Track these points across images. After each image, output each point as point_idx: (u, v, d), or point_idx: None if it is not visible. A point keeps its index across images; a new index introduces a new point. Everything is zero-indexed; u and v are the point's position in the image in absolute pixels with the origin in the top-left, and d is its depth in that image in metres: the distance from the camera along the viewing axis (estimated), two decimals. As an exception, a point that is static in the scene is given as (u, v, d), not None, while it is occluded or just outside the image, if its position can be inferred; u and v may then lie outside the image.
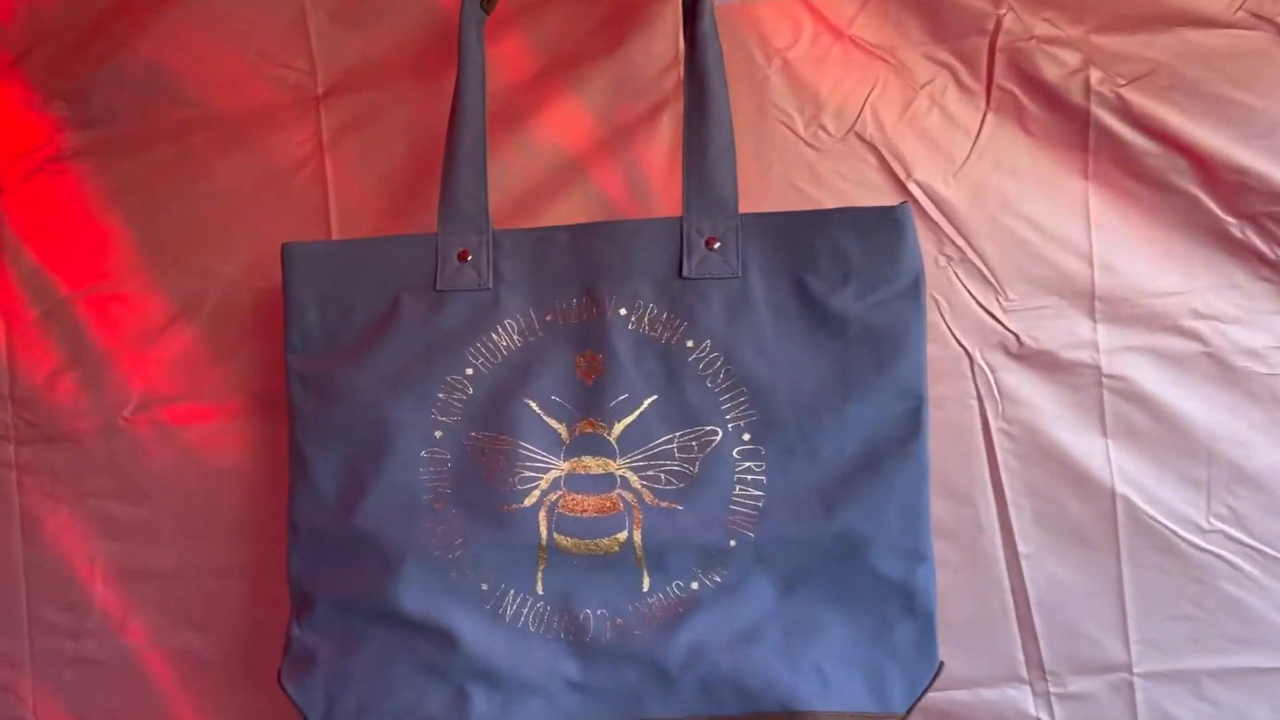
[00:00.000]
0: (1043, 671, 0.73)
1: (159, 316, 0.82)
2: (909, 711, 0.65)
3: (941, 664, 0.66)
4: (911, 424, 0.66)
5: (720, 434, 0.66)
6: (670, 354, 0.67)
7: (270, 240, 0.74)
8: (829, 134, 0.77)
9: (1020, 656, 0.74)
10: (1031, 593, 0.73)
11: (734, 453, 0.66)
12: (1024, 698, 0.73)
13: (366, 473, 0.68)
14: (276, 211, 0.81)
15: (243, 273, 0.81)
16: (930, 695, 0.68)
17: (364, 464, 0.68)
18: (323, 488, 0.69)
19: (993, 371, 0.75)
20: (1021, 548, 0.74)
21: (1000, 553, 0.74)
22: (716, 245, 0.68)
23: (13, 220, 0.84)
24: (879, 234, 0.66)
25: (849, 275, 0.66)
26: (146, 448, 0.81)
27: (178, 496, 0.81)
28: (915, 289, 0.67)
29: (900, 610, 0.65)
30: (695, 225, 0.68)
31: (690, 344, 0.67)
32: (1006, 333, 0.75)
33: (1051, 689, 0.73)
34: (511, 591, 0.67)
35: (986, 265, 0.75)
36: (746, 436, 0.67)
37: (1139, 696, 0.73)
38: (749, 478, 0.66)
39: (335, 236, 0.80)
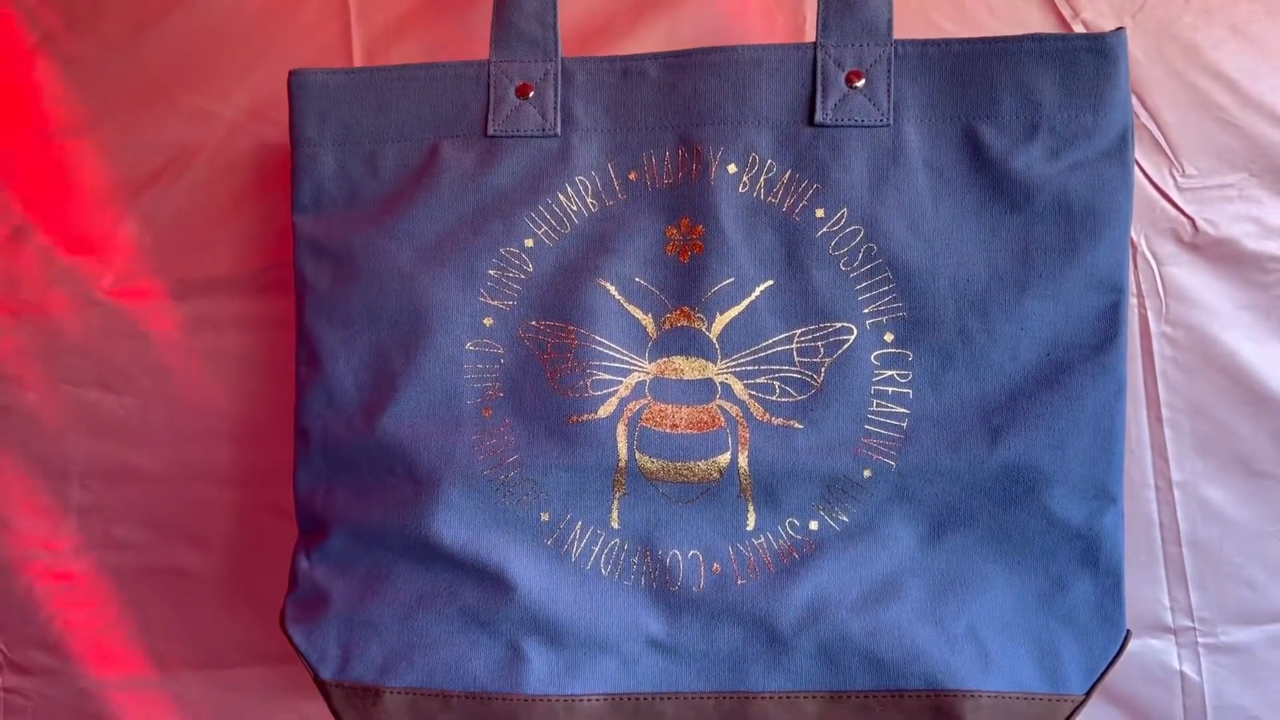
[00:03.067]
0: (1191, 619, 0.63)
1: (141, 168, 0.67)
2: (1089, 694, 0.51)
3: (1129, 633, 0.52)
4: (1108, 326, 0.51)
5: (855, 333, 0.51)
6: (793, 226, 0.51)
7: (277, 75, 0.60)
8: (976, -45, 0.61)
9: (1165, 601, 0.63)
10: (1183, 527, 0.63)
11: (872, 358, 0.51)
12: (1167, 649, 0.63)
13: (396, 368, 0.53)
14: (285, 38, 0.66)
15: (242, 115, 0.66)
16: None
17: (393, 357, 0.53)
18: (340, 386, 0.54)
19: (1159, 263, 0.62)
20: (1175, 474, 0.63)
21: (1150, 479, 0.63)
22: (861, 82, 0.51)
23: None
24: (1082, 71, 0.50)
25: (1037, 126, 0.50)
26: (129, 327, 0.68)
27: (167, 386, 0.68)
28: (1122, 148, 0.51)
29: (1079, 564, 0.51)
30: (833, 54, 0.51)
31: (820, 213, 0.51)
32: (1179, 215, 0.61)
33: (1200, 639, 0.63)
34: (579, 524, 0.52)
35: (1162, 131, 0.61)
36: (889, 337, 0.51)
37: (1305, 651, 0.63)
38: (890, 391, 0.51)
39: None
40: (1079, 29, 0.61)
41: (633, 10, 0.63)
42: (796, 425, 0.52)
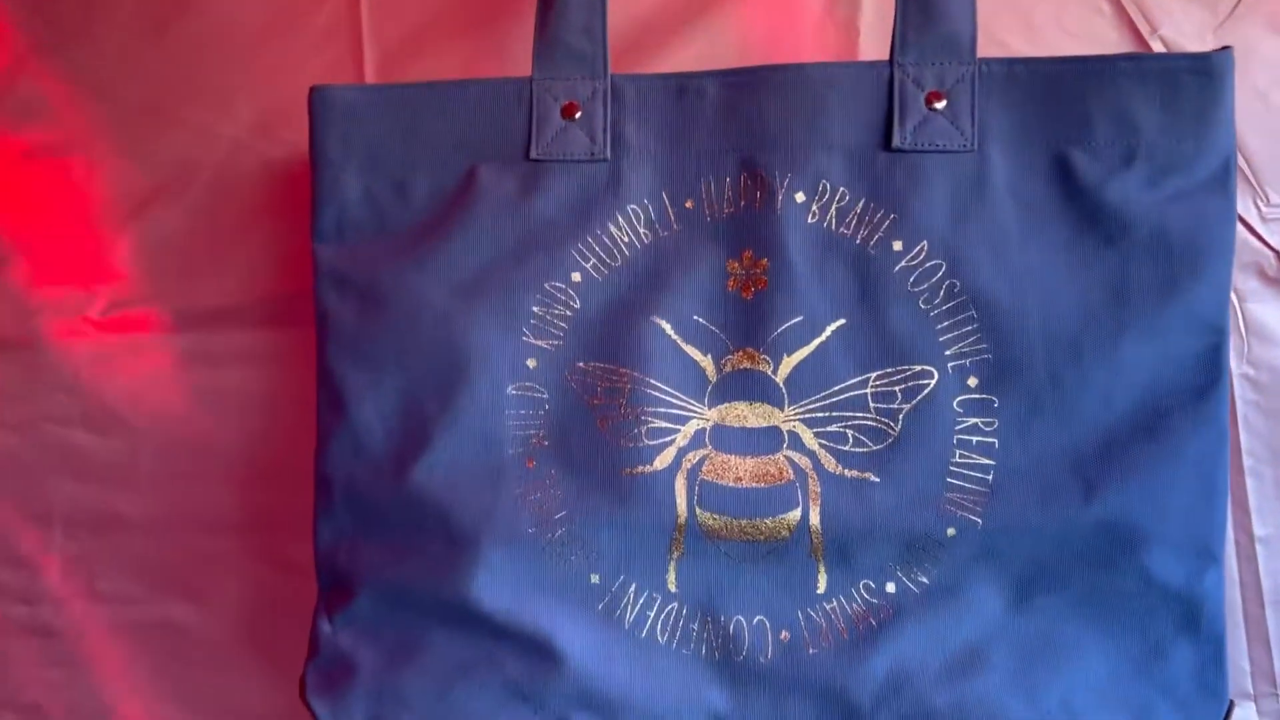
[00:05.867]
0: (1274, 685, 0.58)
1: (135, 190, 0.62)
2: (1193, 770, 0.47)
3: (1232, 704, 0.48)
4: (1209, 370, 0.47)
5: (935, 377, 0.47)
6: (868, 260, 0.47)
7: (284, 91, 0.57)
8: (1049, -32, 0.57)
9: (1245, 665, 0.58)
10: (1266, 585, 0.58)
11: (955, 404, 0.47)
12: (1246, 716, 0.58)
13: (430, 415, 0.48)
14: (291, 52, 0.60)
15: (247, 133, 0.61)
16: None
17: (427, 402, 0.48)
18: (368, 433, 0.49)
19: (1241, 300, 0.57)
20: (1258, 529, 0.58)
21: (1230, 534, 0.57)
22: (942, 103, 0.47)
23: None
24: (1184, 94, 0.46)
25: (1135, 153, 0.46)
26: (120, 361, 0.62)
27: (161, 426, 0.62)
28: (1225, 177, 0.47)
29: (1178, 629, 0.47)
30: (912, 73, 0.47)
31: (898, 246, 0.47)
32: (1264, 248, 0.57)
33: None
34: (633, 587, 0.48)
35: (1245, 157, 0.57)
36: (973, 382, 0.47)
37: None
38: (975, 440, 0.47)
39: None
40: (1157, 46, 0.57)
41: (669, 24, 0.58)
42: (872, 478, 0.47)
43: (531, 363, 0.49)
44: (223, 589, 0.62)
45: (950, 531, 0.47)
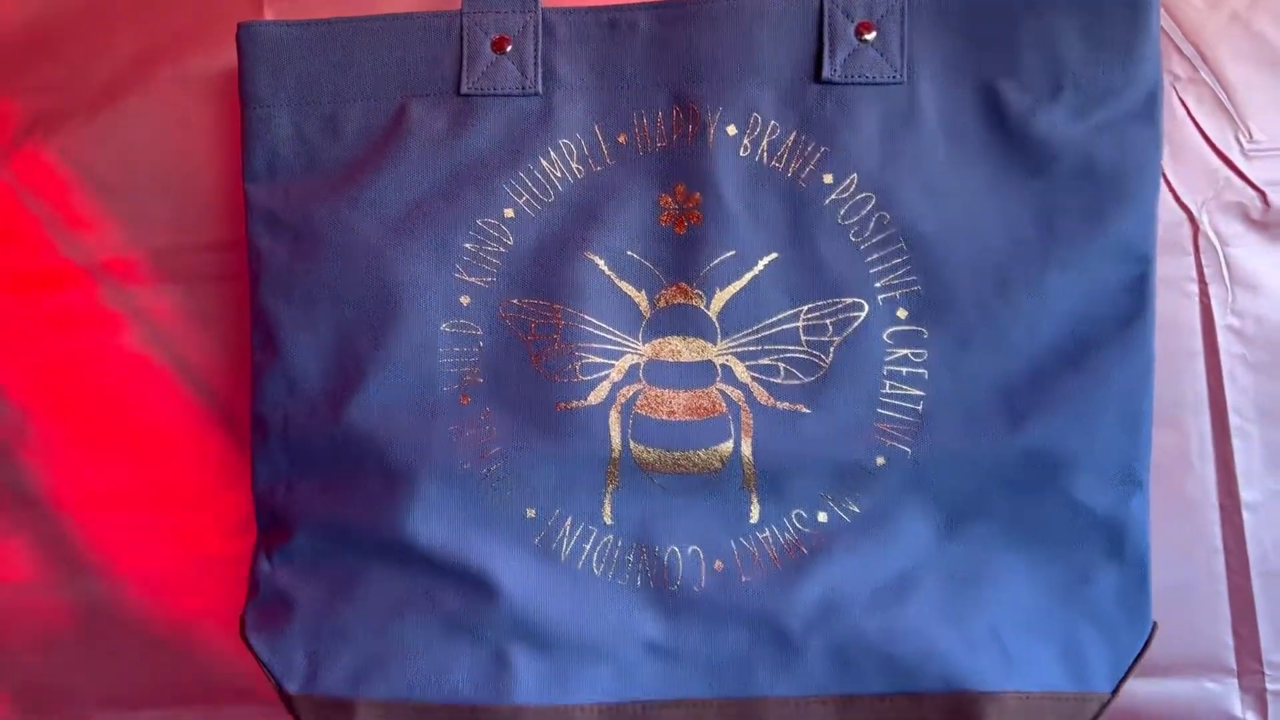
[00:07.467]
0: (1259, 661, 0.55)
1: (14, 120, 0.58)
2: (1116, 691, 0.48)
3: (1155, 625, 0.49)
4: (1135, 299, 0.47)
5: (866, 309, 0.47)
6: (799, 194, 0.47)
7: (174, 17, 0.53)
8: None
9: (1228, 640, 0.55)
10: (1253, 554, 0.55)
11: (885, 336, 0.47)
12: (1228, 694, 0.55)
13: (364, 352, 0.48)
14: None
15: (128, 66, 0.57)
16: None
17: (360, 339, 0.48)
18: (302, 372, 0.49)
19: (1223, 244, 0.55)
20: (1244, 494, 0.55)
21: (1213, 498, 0.55)
22: (872, 34, 0.47)
23: None
24: (1111, 22, 0.47)
25: (1062, 83, 0.47)
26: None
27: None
28: (1151, 108, 0.47)
29: (1103, 554, 0.48)
30: (842, 3, 0.48)
31: (828, 179, 0.47)
32: (1248, 188, 0.54)
33: (1269, 685, 0.55)
34: (569, 520, 0.48)
35: (1225, 88, 0.54)
36: (903, 313, 0.47)
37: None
38: (905, 371, 0.47)
39: (269, 18, 0.56)
40: None
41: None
42: (803, 409, 0.48)
43: (465, 300, 0.49)
44: (150, 556, 0.58)
45: (880, 461, 0.48)
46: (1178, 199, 0.55)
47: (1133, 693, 0.53)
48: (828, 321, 0.48)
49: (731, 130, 0.48)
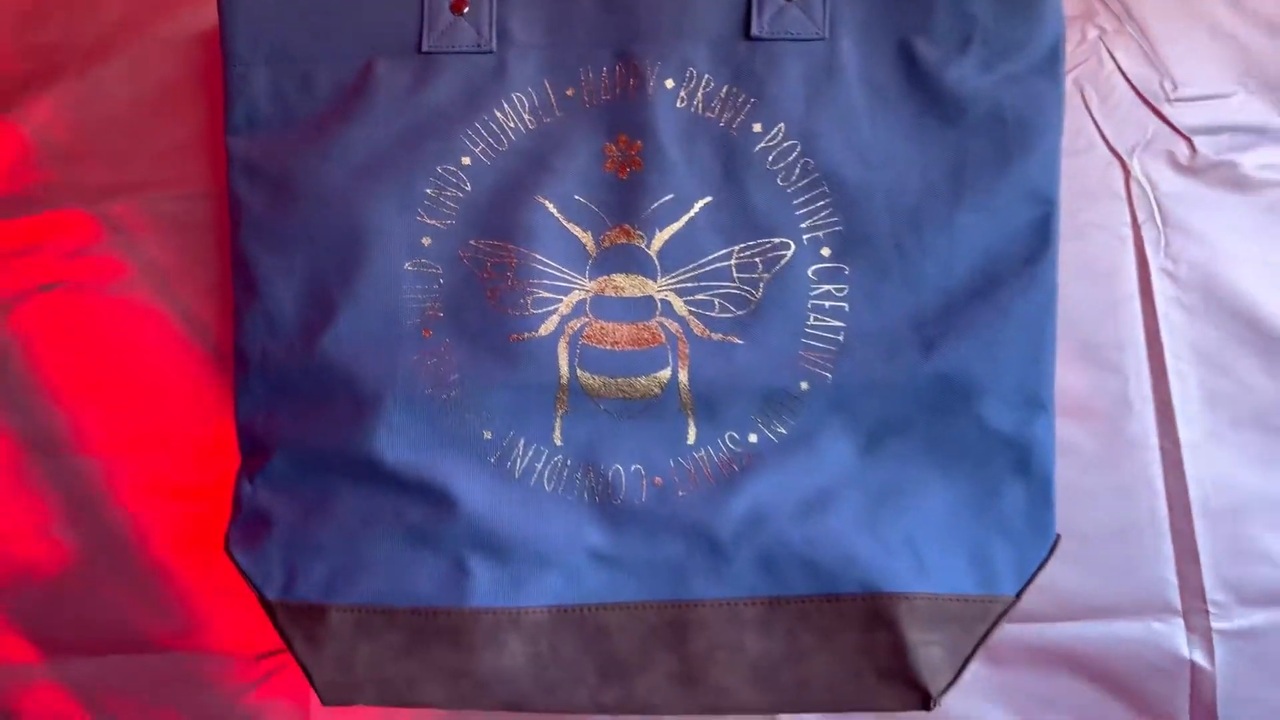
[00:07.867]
0: (1203, 600, 0.56)
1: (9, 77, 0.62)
2: (1020, 595, 0.52)
3: (1058, 537, 0.53)
4: (1039, 238, 0.51)
5: (792, 248, 0.52)
6: (731, 142, 0.51)
7: None
8: None
9: (1173, 579, 0.57)
10: (1194, 495, 0.56)
11: (809, 272, 0.52)
12: (1174, 633, 0.57)
13: (334, 290, 0.53)
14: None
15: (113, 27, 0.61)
16: (1051, 628, 0.54)
17: (331, 279, 0.53)
18: (279, 310, 0.54)
19: (1154, 189, 0.57)
20: (1183, 434, 0.56)
21: (1153, 440, 0.57)
22: (797, -5, 0.51)
23: None
24: (1015, -16, 0.50)
25: (970, 39, 0.51)
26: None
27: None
28: (1053, 61, 0.51)
29: (1011, 472, 0.52)
30: (769, -33, 0.51)
31: (757, 128, 0.51)
32: (1175, 135, 0.56)
33: (1214, 624, 0.56)
34: (522, 441, 0.53)
35: (1150, 41, 0.57)
36: (826, 252, 0.52)
37: (1335, 636, 0.56)
38: (828, 305, 0.52)
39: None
40: None
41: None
42: (736, 340, 0.52)
43: (426, 241, 0.53)
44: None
45: (804, 386, 0.52)
46: (1109, 146, 0.57)
47: (1081, 635, 0.56)
48: (758, 260, 0.52)
49: (669, 84, 0.52)
